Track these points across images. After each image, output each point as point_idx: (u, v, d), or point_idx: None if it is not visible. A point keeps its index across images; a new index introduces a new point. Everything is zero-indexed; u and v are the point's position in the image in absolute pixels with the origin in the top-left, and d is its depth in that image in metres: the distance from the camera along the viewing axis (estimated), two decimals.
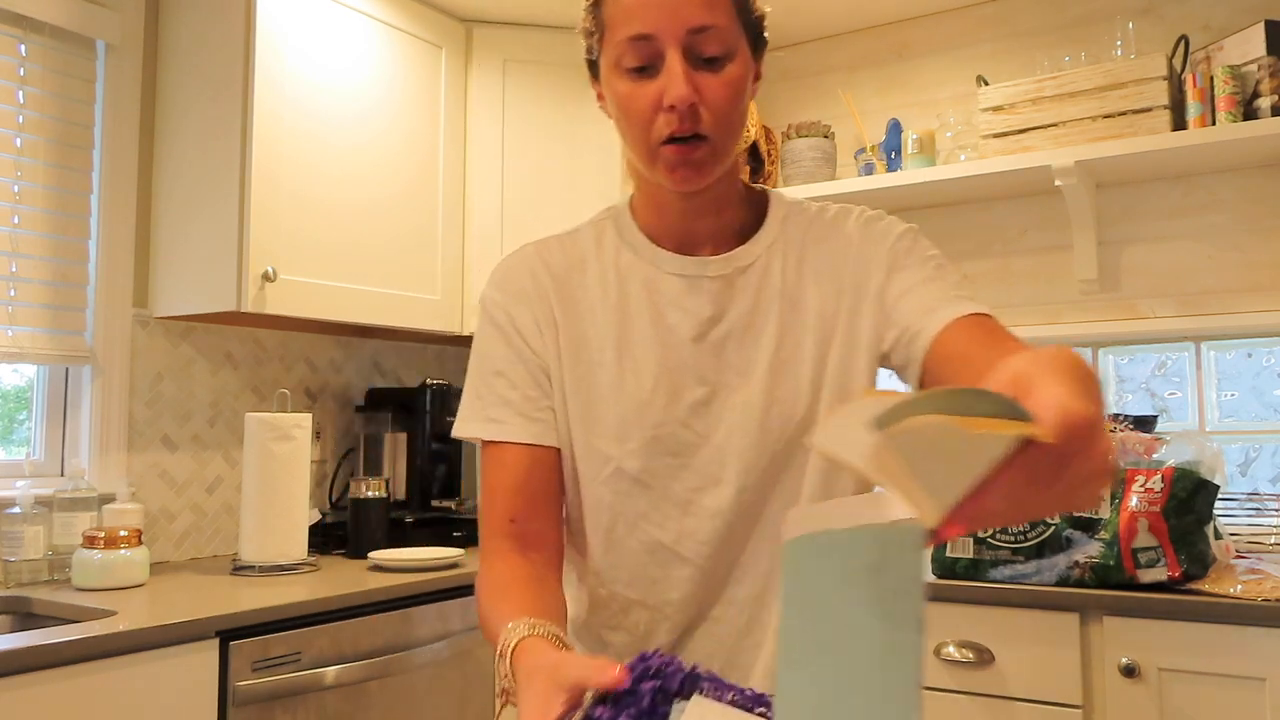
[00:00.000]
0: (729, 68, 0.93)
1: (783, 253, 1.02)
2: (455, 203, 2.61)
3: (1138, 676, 1.75)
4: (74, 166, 2.20)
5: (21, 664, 1.43)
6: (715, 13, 0.91)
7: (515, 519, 0.98)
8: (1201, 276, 2.35)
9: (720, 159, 0.95)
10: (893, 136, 2.60)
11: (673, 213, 1.01)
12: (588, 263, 1.04)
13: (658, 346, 0.99)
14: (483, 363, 1.02)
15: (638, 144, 0.95)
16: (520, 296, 1.02)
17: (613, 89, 0.95)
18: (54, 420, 2.20)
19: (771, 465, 0.98)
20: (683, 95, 0.90)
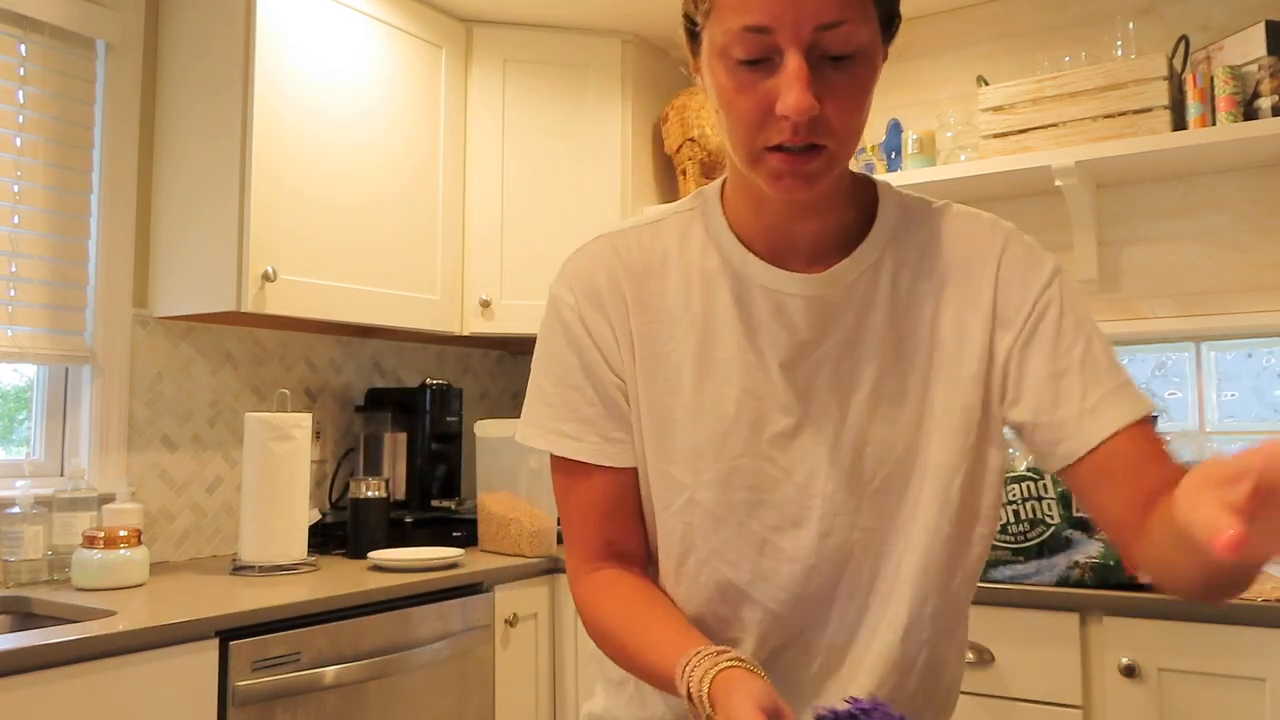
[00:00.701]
0: (859, 68, 0.79)
1: (893, 267, 0.90)
2: (455, 203, 2.61)
3: (1138, 676, 1.75)
4: (74, 166, 2.20)
5: (21, 664, 1.43)
6: (847, 4, 0.76)
7: (611, 542, 0.93)
8: (1201, 276, 2.35)
9: (836, 168, 0.83)
10: (893, 136, 2.60)
11: (771, 212, 0.89)
12: (669, 263, 0.92)
13: (742, 370, 0.89)
14: (555, 368, 0.93)
15: (739, 145, 0.82)
16: (595, 301, 0.92)
17: (716, 77, 0.82)
18: (54, 420, 2.20)
19: (863, 510, 0.88)
20: (801, 108, 0.76)
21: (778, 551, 0.89)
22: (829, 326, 0.89)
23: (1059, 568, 1.85)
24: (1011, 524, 1.91)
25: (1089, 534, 1.84)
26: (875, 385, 0.88)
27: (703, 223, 0.93)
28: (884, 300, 0.89)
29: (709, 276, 0.91)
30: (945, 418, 0.88)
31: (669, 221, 0.95)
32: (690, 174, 2.76)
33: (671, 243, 0.93)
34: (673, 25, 0.91)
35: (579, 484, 0.93)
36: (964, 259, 0.91)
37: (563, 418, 0.92)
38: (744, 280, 0.90)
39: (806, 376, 0.88)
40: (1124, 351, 2.48)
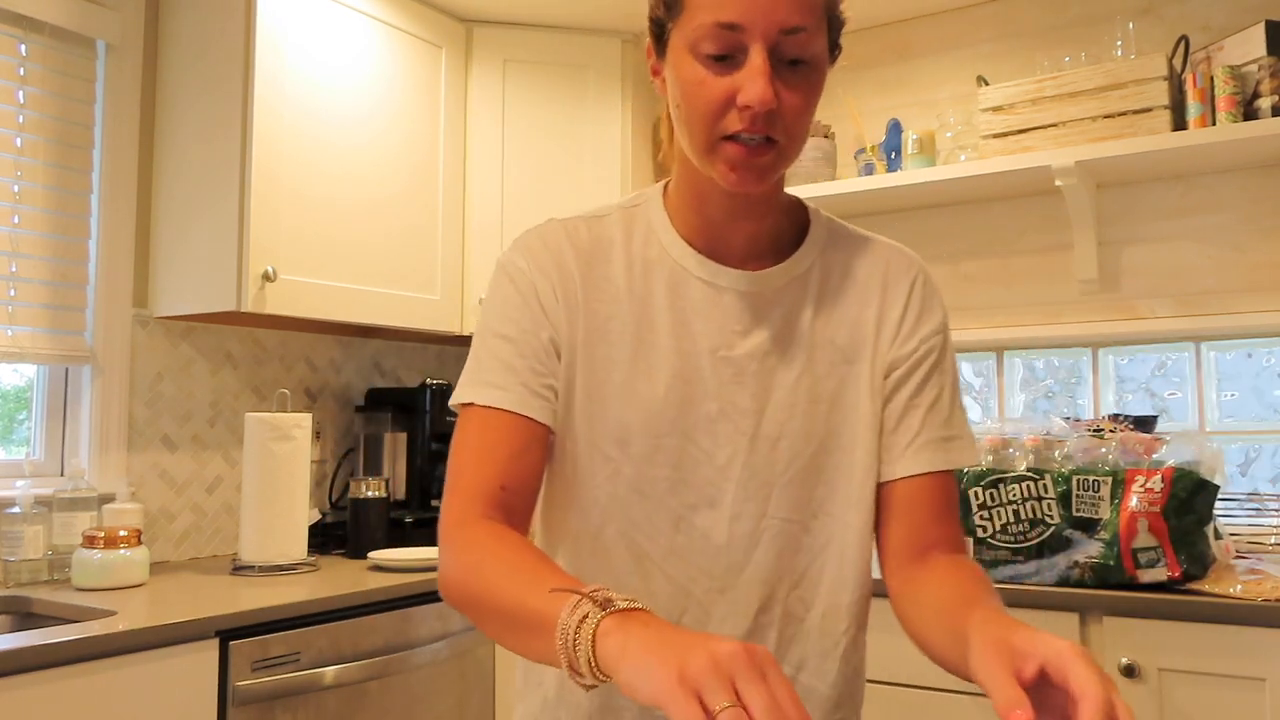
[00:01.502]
0: (812, 74, 0.88)
1: (820, 276, 0.98)
2: (455, 202, 2.61)
3: (1138, 676, 1.75)
4: (74, 166, 2.20)
5: (21, 664, 1.43)
6: (808, 13, 0.85)
7: (506, 487, 0.90)
8: (1201, 276, 2.35)
9: (784, 166, 0.90)
10: (893, 136, 2.60)
11: (714, 209, 0.95)
12: (614, 250, 0.97)
13: (676, 354, 0.94)
14: (491, 324, 0.95)
15: (699, 134, 0.88)
16: (544, 269, 0.95)
17: (681, 71, 0.88)
18: (54, 420, 2.20)
19: (774, 499, 0.94)
20: (764, 98, 0.83)
21: (691, 528, 0.93)
22: (758, 322, 0.95)
23: (1059, 568, 1.85)
24: (1011, 524, 1.91)
25: (1089, 534, 1.84)
26: (795, 383, 0.94)
27: (646, 217, 0.99)
28: (810, 305, 0.97)
29: (649, 266, 0.97)
30: (861, 419, 0.96)
31: (615, 215, 1.00)
32: None
33: (617, 232, 0.99)
34: None
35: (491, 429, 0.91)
36: (883, 277, 0.99)
37: (490, 369, 0.93)
38: (682, 272, 0.96)
39: (734, 367, 0.94)
40: (1124, 351, 2.48)
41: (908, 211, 2.71)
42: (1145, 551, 1.78)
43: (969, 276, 2.62)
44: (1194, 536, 1.78)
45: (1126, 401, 2.46)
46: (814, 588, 0.96)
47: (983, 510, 1.94)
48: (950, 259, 2.65)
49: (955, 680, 1.86)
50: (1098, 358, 2.50)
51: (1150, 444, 1.88)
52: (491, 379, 0.93)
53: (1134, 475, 1.83)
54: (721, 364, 0.94)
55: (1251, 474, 2.32)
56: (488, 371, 0.93)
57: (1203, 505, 1.80)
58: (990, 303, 2.59)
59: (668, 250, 0.97)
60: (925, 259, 1.05)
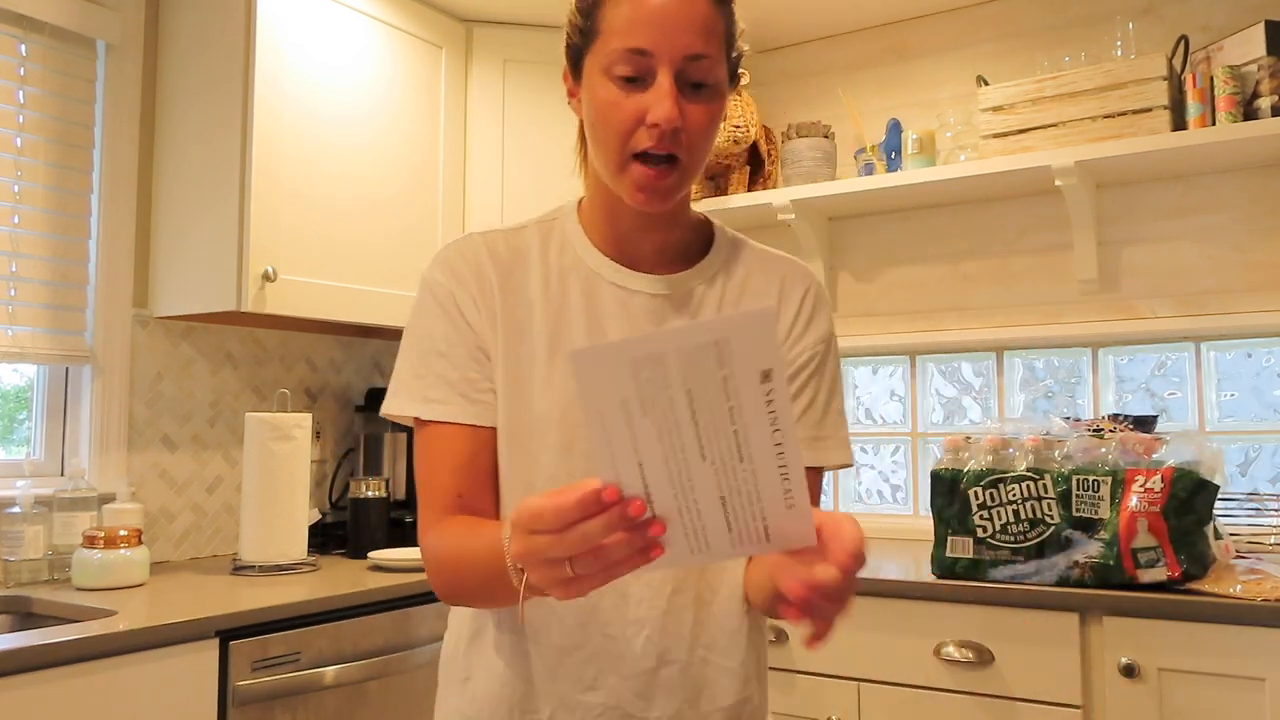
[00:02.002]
0: (713, 100, 0.96)
1: (724, 283, 1.07)
2: (455, 202, 2.62)
3: (1138, 676, 1.75)
4: (74, 166, 2.20)
5: (21, 664, 1.43)
6: (711, 44, 0.95)
7: (462, 494, 0.98)
8: (1201, 276, 2.35)
9: (687, 184, 0.98)
10: (893, 136, 2.60)
11: (624, 222, 1.04)
12: (531, 259, 1.05)
13: None
14: (421, 341, 1.02)
15: (610, 152, 0.96)
16: (463, 280, 1.03)
17: (595, 93, 0.96)
18: (54, 420, 2.20)
19: None
20: (670, 116, 0.92)
21: None
22: (667, 322, 1.03)
23: (1059, 568, 1.85)
24: (1011, 524, 1.91)
25: (1089, 534, 1.84)
26: None
27: (562, 229, 1.07)
28: (714, 307, 1.05)
29: (564, 273, 1.04)
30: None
31: (532, 228, 1.08)
32: None
33: (534, 243, 1.06)
34: None
35: (440, 443, 1.00)
36: (780, 285, 1.08)
37: (429, 385, 1.01)
38: (595, 277, 1.04)
39: None
40: (1124, 351, 2.48)
41: (908, 211, 2.71)
42: (1145, 551, 1.78)
43: (969, 276, 2.62)
44: (1194, 536, 1.78)
45: (1126, 401, 2.46)
46: (720, 571, 1.02)
47: (983, 510, 1.94)
48: (950, 259, 2.65)
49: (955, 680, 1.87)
50: (1098, 358, 2.50)
51: (1150, 444, 1.88)
52: (429, 394, 1.00)
53: (1134, 475, 1.83)
54: None
55: (1251, 474, 2.32)
56: (427, 387, 1.01)
57: (1203, 505, 1.80)
58: (990, 303, 2.59)
59: (582, 258, 1.05)
60: (925, 259, 1.08)
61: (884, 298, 2.73)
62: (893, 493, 2.77)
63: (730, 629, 1.02)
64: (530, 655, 0.99)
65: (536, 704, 0.99)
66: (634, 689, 0.98)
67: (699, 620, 1.00)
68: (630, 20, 0.93)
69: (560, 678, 0.98)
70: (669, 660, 0.99)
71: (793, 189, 2.63)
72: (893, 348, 2.72)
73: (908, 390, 2.74)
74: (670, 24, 0.92)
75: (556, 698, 0.99)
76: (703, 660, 1.00)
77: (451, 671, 1.07)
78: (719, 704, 1.00)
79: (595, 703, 0.98)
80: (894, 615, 1.97)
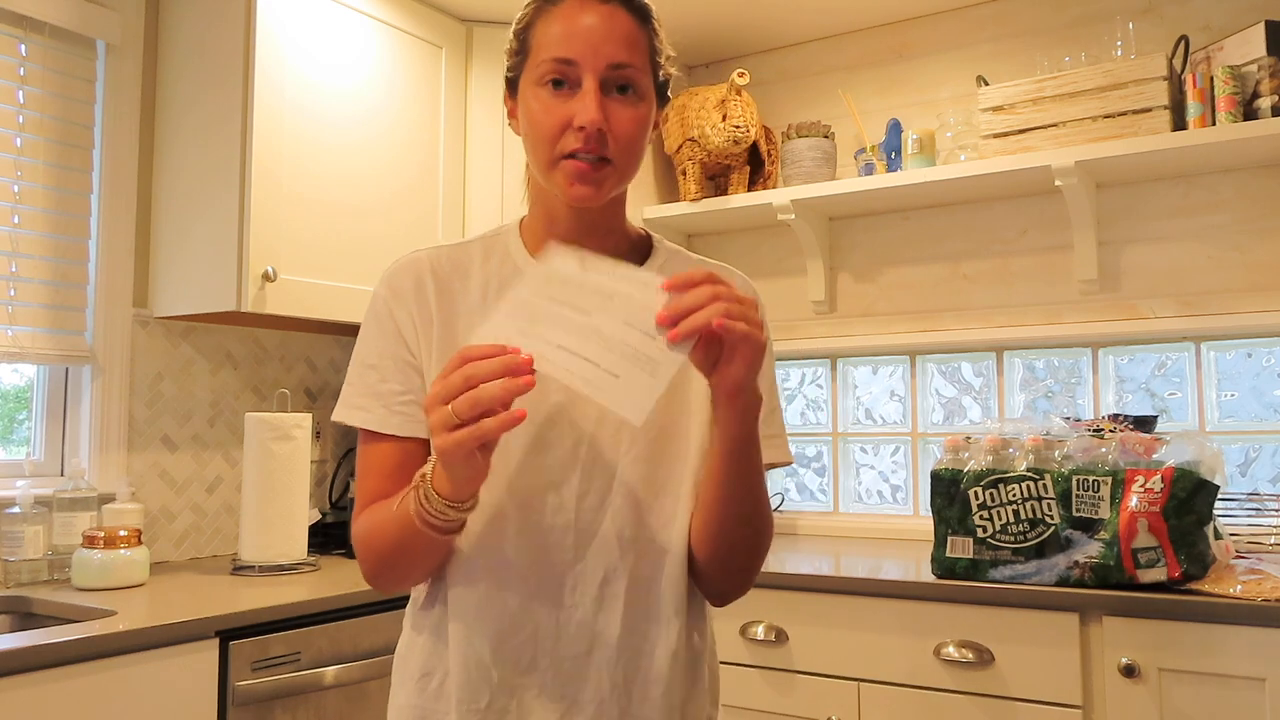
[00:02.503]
0: (639, 105, 1.04)
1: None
2: (455, 202, 2.62)
3: (1138, 676, 1.75)
4: (74, 166, 2.20)
5: (21, 664, 1.43)
6: (634, 55, 1.03)
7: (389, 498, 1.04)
8: (1201, 276, 2.35)
9: (619, 182, 1.05)
10: (893, 136, 2.60)
11: (563, 228, 1.09)
12: (472, 270, 1.11)
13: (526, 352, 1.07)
14: (359, 354, 1.11)
15: (542, 155, 1.03)
16: (402, 295, 1.09)
17: (527, 103, 1.04)
18: (54, 420, 2.20)
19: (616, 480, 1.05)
20: (594, 119, 0.99)
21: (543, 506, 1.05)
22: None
23: (1059, 568, 1.85)
24: (1011, 524, 1.91)
25: (1089, 534, 1.84)
26: None
27: (503, 242, 1.14)
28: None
29: (504, 281, 1.10)
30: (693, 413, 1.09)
31: (475, 243, 1.15)
32: (690, 174, 2.76)
33: (475, 256, 1.13)
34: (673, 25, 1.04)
35: (369, 449, 1.09)
36: None
37: (359, 392, 1.09)
38: None
39: None
40: (1124, 351, 2.48)
41: (908, 211, 2.71)
42: (1145, 551, 1.78)
43: (969, 276, 2.62)
44: (1194, 536, 1.78)
45: (1126, 401, 2.46)
46: (659, 558, 1.06)
47: (983, 510, 1.94)
48: (950, 259, 2.65)
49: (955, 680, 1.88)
50: (1098, 358, 2.50)
51: (1150, 444, 1.88)
52: (358, 402, 1.09)
53: (1134, 475, 1.83)
54: None
55: (1251, 474, 2.32)
56: (357, 395, 1.09)
57: (1202, 505, 1.80)
58: (990, 303, 2.59)
59: (520, 267, 1.11)
60: (925, 259, 1.09)
61: (884, 298, 2.73)
62: (893, 493, 2.77)
63: (665, 615, 1.06)
64: (474, 642, 1.04)
65: (479, 689, 1.04)
66: (569, 670, 1.04)
67: (631, 606, 1.05)
68: (558, 35, 1.02)
69: (500, 661, 1.03)
70: (602, 644, 1.04)
71: (793, 189, 2.63)
72: (893, 348, 2.72)
73: (908, 390, 2.74)
74: (594, 35, 1.01)
75: (497, 680, 1.03)
76: (636, 647, 1.05)
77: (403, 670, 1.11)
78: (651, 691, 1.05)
79: (532, 684, 1.03)
80: (894, 615, 1.97)
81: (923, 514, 2.66)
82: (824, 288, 2.78)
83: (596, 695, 1.03)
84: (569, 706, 1.03)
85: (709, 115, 2.65)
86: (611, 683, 1.04)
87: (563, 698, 1.03)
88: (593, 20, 1.02)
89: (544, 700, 1.03)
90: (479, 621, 1.04)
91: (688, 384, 1.09)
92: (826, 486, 2.85)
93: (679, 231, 2.99)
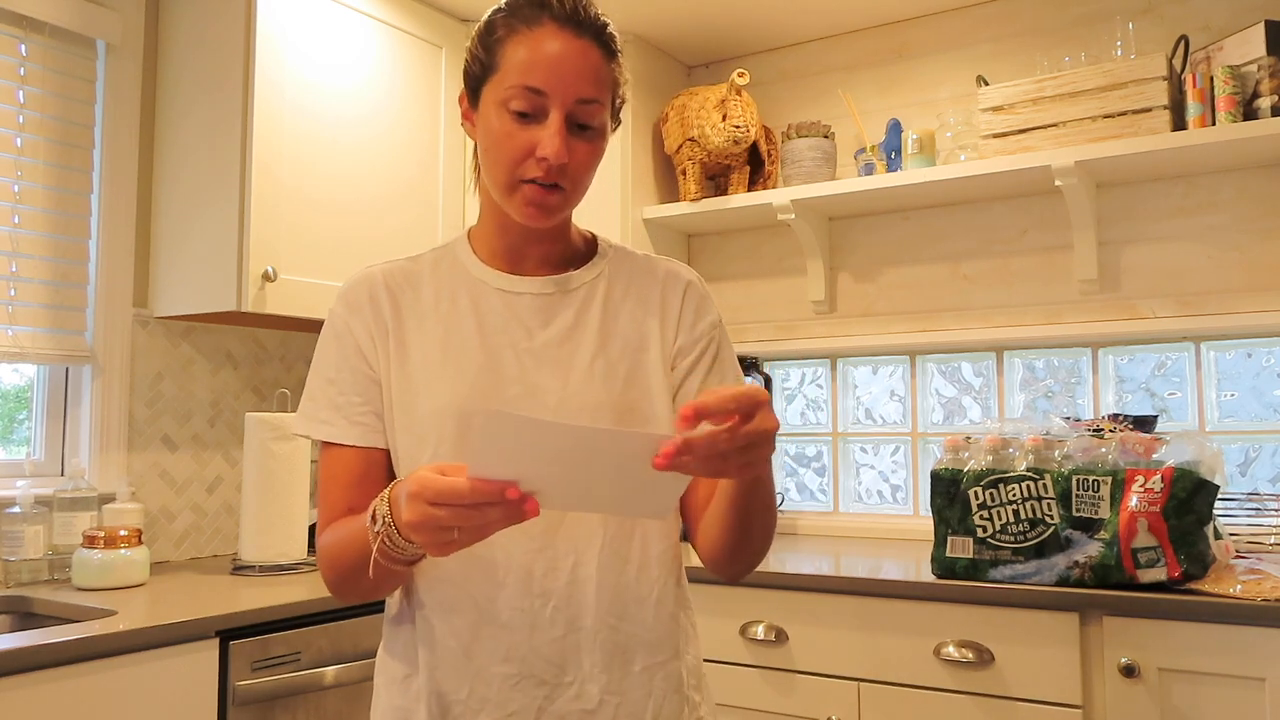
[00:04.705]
0: (597, 139, 1.08)
1: (608, 282, 1.16)
2: (455, 202, 2.62)
3: (1138, 676, 1.75)
4: (74, 166, 2.20)
5: (21, 664, 1.43)
6: (600, 90, 1.06)
7: (353, 507, 1.06)
8: (1201, 276, 2.35)
9: (569, 208, 1.09)
10: (893, 136, 2.60)
11: (513, 234, 1.13)
12: (423, 280, 1.15)
13: (481, 351, 1.09)
14: (319, 368, 1.13)
15: (501, 176, 1.05)
16: (358, 309, 1.13)
17: (490, 123, 1.05)
18: (54, 420, 2.20)
19: None
20: (558, 153, 1.02)
21: None
22: (554, 318, 1.12)
23: (1059, 568, 1.85)
24: (1011, 524, 1.91)
25: (1089, 534, 1.84)
26: (591, 363, 1.10)
27: (453, 252, 1.18)
28: (599, 304, 1.14)
29: (454, 287, 1.14)
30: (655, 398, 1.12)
31: (427, 255, 1.19)
32: (690, 174, 2.76)
33: (426, 267, 1.17)
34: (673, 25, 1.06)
35: (331, 460, 1.11)
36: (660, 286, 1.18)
37: (320, 405, 1.12)
38: (482, 286, 1.14)
39: (534, 355, 1.10)
40: (1124, 351, 2.48)
41: (908, 211, 2.71)
42: (1145, 551, 1.78)
43: (969, 276, 2.62)
44: (1194, 536, 1.78)
45: (1126, 401, 2.46)
46: (626, 543, 1.09)
47: (983, 510, 1.94)
48: (950, 259, 2.65)
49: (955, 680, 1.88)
50: (1098, 358, 2.50)
51: (1150, 444, 1.88)
52: (320, 415, 1.11)
53: (1134, 475, 1.83)
54: (524, 354, 1.10)
55: (1251, 474, 2.32)
56: (318, 409, 1.11)
57: (1202, 505, 1.80)
58: (990, 303, 2.59)
59: (469, 272, 1.15)
60: (925, 259, 1.10)
61: (884, 298, 2.73)
62: (893, 493, 2.77)
63: (640, 595, 1.09)
64: (448, 637, 1.05)
65: (456, 683, 1.05)
66: (546, 656, 1.05)
67: (604, 588, 1.06)
68: (529, 62, 1.02)
69: (476, 654, 1.05)
70: (577, 628, 1.06)
71: (793, 189, 2.63)
72: (893, 348, 2.72)
73: (908, 390, 2.74)
74: (565, 69, 1.02)
75: (473, 673, 1.05)
76: (612, 627, 1.06)
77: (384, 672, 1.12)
78: (630, 668, 1.07)
79: (510, 673, 1.04)
80: (894, 615, 1.97)
81: (923, 514, 2.66)
82: (824, 288, 2.78)
83: (577, 676, 1.05)
84: (551, 690, 1.04)
85: (709, 115, 2.65)
86: (592, 662, 1.05)
87: (543, 683, 1.04)
88: (565, 52, 1.03)
89: (525, 686, 1.04)
90: (454, 615, 1.05)
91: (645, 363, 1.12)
92: (826, 486, 2.85)
93: (679, 231, 2.99)
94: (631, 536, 1.09)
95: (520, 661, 1.04)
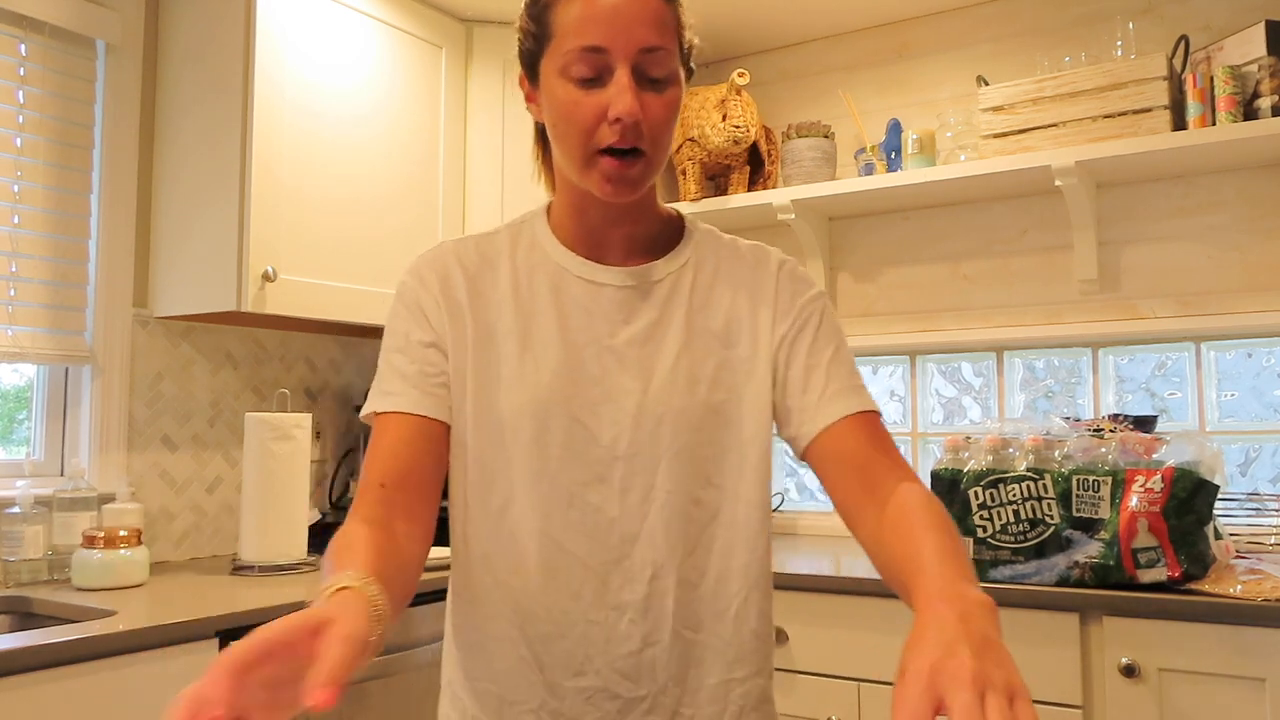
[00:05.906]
0: (670, 89, 0.98)
1: (694, 271, 1.08)
2: (455, 203, 2.62)
3: (1138, 676, 1.75)
4: (74, 166, 2.20)
5: (21, 664, 1.43)
6: (665, 37, 0.96)
7: (385, 484, 0.96)
8: (1201, 276, 2.35)
9: (652, 175, 1.00)
10: (893, 136, 2.60)
11: (593, 216, 1.05)
12: (500, 260, 1.07)
13: (561, 346, 1.02)
14: (389, 341, 1.05)
15: (575, 150, 0.97)
16: (428, 285, 1.05)
17: (554, 94, 0.97)
18: (54, 420, 2.20)
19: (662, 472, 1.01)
20: (631, 110, 0.93)
21: (585, 504, 1.01)
22: (637, 313, 1.04)
23: (1059, 568, 1.85)
24: (1011, 524, 1.91)
25: (1089, 534, 1.84)
26: (674, 365, 1.03)
27: (531, 231, 1.09)
28: (685, 297, 1.06)
29: (533, 270, 1.06)
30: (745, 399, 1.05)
31: (502, 232, 1.10)
32: (690, 174, 2.76)
33: (503, 245, 1.08)
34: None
35: (382, 434, 1.00)
36: (752, 268, 1.09)
37: (385, 379, 1.03)
38: (563, 273, 1.05)
39: (615, 354, 1.03)
40: (1124, 351, 2.48)
41: (908, 211, 2.71)
42: (1145, 551, 1.78)
43: (969, 276, 2.62)
44: (1194, 536, 1.78)
45: (1126, 401, 2.46)
46: (706, 554, 1.03)
47: (983, 510, 1.94)
48: (950, 259, 2.65)
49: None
50: (1098, 358, 2.50)
51: (1150, 444, 1.88)
52: (385, 388, 1.02)
53: (1134, 475, 1.83)
54: (604, 352, 1.02)
55: (1251, 474, 2.32)
56: (385, 382, 1.02)
57: (1203, 505, 1.80)
58: (990, 303, 2.59)
59: (550, 255, 1.06)
60: (925, 259, 1.09)
61: (884, 298, 2.73)
62: None
63: (718, 610, 1.03)
64: (520, 646, 1.01)
65: (526, 693, 1.01)
66: (620, 670, 1.01)
67: (681, 602, 1.01)
68: (582, 19, 0.94)
69: (548, 666, 1.00)
70: (652, 641, 1.01)
71: (793, 189, 2.63)
72: (892, 348, 2.72)
73: (907, 390, 2.74)
74: (622, 19, 0.94)
75: (545, 686, 1.01)
76: (689, 641, 1.02)
77: (448, 670, 1.09)
78: (705, 681, 1.02)
79: (583, 686, 1.00)
80: (894, 615, 1.97)
81: None
82: (824, 287, 2.77)
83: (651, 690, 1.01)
84: (624, 705, 1.00)
85: (709, 115, 2.65)
86: (667, 676, 1.01)
87: (616, 697, 1.00)
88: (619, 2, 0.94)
89: (599, 700, 1.00)
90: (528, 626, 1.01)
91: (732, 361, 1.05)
92: (813, 486, 2.84)
93: None
94: (711, 549, 1.03)
95: (594, 675, 1.00)
